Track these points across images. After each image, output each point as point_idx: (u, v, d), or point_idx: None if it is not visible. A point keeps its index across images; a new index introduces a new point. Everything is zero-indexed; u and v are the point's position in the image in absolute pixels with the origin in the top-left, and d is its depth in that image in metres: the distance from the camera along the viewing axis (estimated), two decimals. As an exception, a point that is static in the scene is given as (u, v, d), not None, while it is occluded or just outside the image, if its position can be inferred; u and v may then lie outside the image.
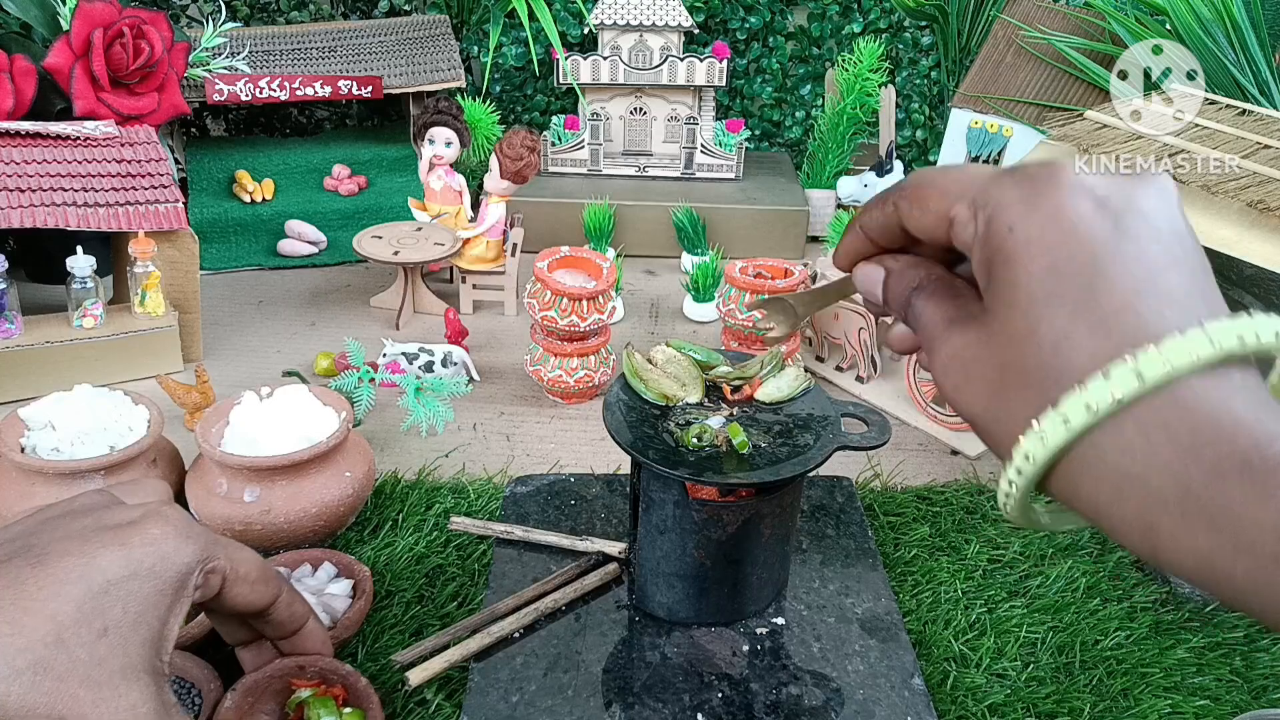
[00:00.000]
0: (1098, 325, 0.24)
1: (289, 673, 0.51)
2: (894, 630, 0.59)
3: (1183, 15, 0.94)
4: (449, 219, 1.10)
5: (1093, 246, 0.24)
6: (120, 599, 0.32)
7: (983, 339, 0.26)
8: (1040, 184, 0.25)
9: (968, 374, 0.27)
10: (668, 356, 0.58)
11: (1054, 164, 0.26)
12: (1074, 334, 0.24)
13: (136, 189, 0.89)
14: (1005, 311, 0.25)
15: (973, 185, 0.27)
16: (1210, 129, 0.79)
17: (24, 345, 0.84)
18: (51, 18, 1.03)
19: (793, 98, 1.50)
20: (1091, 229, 0.24)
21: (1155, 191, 0.26)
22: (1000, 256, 0.25)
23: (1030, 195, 0.25)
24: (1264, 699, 0.59)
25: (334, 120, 1.46)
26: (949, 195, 0.28)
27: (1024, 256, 0.25)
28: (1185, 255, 0.25)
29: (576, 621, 0.59)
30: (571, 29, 1.39)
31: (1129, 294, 0.24)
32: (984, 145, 1.14)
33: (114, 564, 0.33)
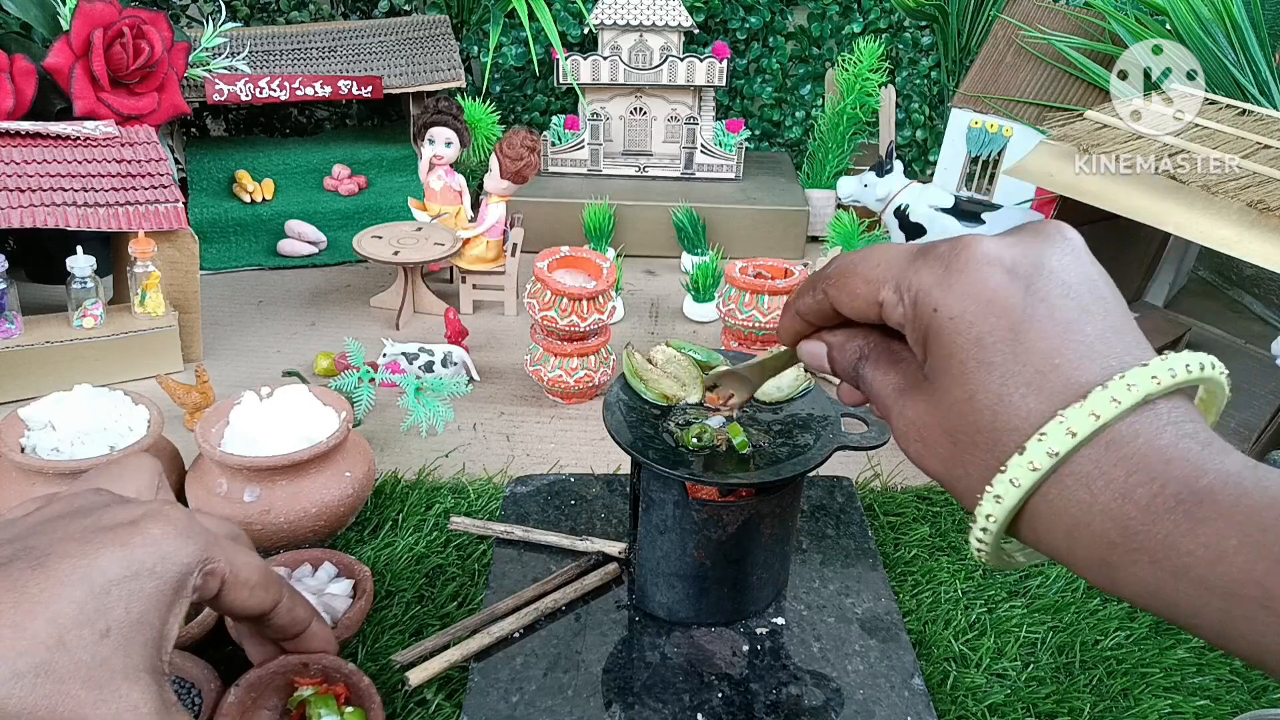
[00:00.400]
0: (1027, 386, 0.26)
1: (292, 670, 0.51)
2: (894, 630, 0.59)
3: (1183, 15, 0.94)
4: (449, 219, 1.10)
5: (1009, 314, 0.26)
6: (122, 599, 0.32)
7: (930, 408, 0.28)
8: (953, 264, 0.27)
9: (924, 441, 0.29)
10: (668, 356, 0.58)
11: (961, 241, 0.28)
12: (1008, 397, 0.26)
13: (136, 189, 0.89)
14: (944, 381, 0.27)
15: (892, 270, 0.29)
16: (1210, 129, 0.79)
17: (24, 345, 0.84)
18: (51, 18, 1.03)
19: (793, 98, 1.50)
20: (1006, 298, 0.26)
21: (1060, 248, 0.27)
22: (931, 334, 0.28)
23: (945, 277, 0.27)
24: (1264, 699, 0.59)
25: (334, 120, 1.46)
26: (873, 282, 0.29)
27: (951, 332, 0.27)
28: (1097, 304, 0.27)
29: (576, 621, 0.59)
30: (571, 29, 1.39)
31: (1050, 353, 0.26)
32: (984, 145, 1.14)
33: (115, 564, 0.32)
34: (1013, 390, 0.26)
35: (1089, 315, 0.26)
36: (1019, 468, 0.25)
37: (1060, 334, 0.26)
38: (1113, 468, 0.24)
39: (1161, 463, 0.24)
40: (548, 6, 1.19)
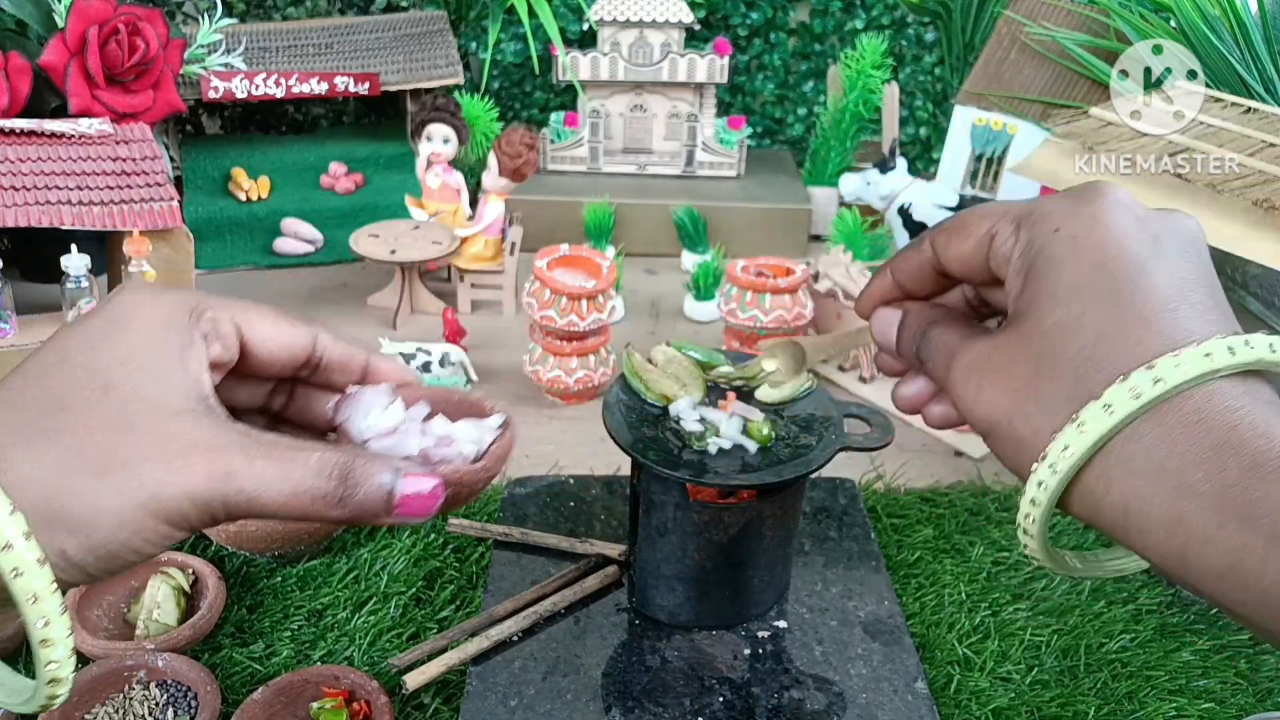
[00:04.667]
0: (1140, 322, 0.25)
1: (325, 680, 0.52)
2: (897, 633, 0.58)
3: (1188, 12, 0.94)
4: (447, 217, 1.10)
5: (1136, 253, 0.26)
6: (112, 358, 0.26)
7: (1010, 340, 0.27)
8: (1086, 195, 0.27)
9: (990, 375, 0.27)
10: (668, 357, 0.57)
11: (1093, 184, 0.28)
12: (1120, 326, 0.25)
13: (131, 187, 0.88)
14: (1046, 306, 0.26)
15: (1013, 209, 0.29)
16: (1215, 127, 0.79)
17: (19, 345, 0.83)
18: (46, 15, 1.02)
19: (795, 94, 1.50)
20: (1134, 239, 0.26)
21: (1187, 224, 0.28)
22: (1044, 255, 0.27)
23: (1077, 203, 0.27)
24: (1269, 702, 0.59)
25: (330, 117, 1.45)
26: (991, 218, 0.29)
27: (1071, 252, 0.26)
28: (1210, 282, 0.26)
29: (576, 625, 0.58)
30: (571, 25, 1.38)
31: (1168, 300, 0.25)
32: (988, 142, 1.13)
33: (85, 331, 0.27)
34: (1124, 322, 0.25)
35: (1203, 286, 0.26)
36: (1118, 394, 0.24)
37: (1179, 289, 0.25)
38: (1217, 417, 0.23)
39: (1266, 425, 0.23)
40: (547, 2, 1.18)
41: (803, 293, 0.92)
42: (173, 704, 0.53)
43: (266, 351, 0.30)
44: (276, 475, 0.26)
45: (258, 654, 0.58)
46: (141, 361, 0.27)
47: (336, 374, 0.32)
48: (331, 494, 0.26)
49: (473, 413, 0.32)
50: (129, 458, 0.25)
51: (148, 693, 0.53)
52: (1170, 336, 0.24)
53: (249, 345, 0.30)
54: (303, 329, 0.31)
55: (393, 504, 0.27)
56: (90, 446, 0.25)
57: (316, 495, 0.26)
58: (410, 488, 0.27)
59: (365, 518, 0.27)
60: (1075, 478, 0.25)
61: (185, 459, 0.25)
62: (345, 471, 0.26)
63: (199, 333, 0.28)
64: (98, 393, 0.26)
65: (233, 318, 0.29)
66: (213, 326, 0.29)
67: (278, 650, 0.58)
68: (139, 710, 0.52)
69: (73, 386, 0.26)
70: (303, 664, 0.57)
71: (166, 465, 0.25)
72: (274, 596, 0.62)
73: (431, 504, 0.28)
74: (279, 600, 0.62)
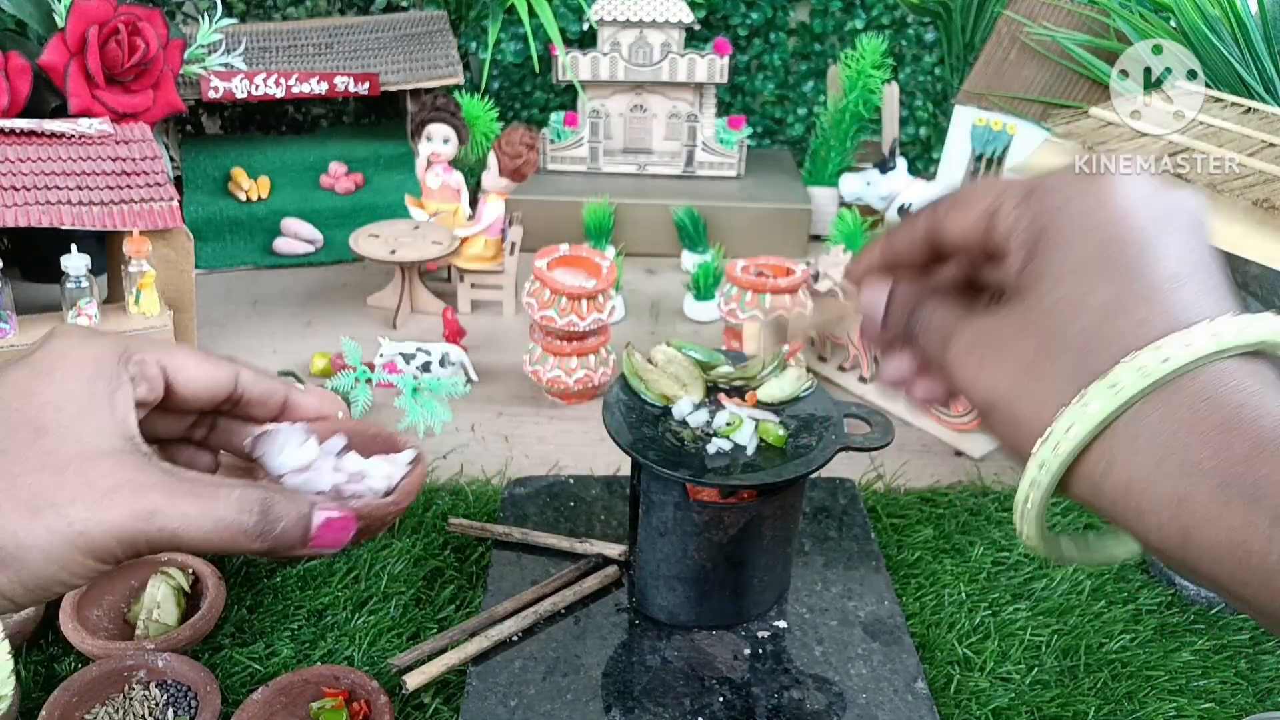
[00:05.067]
0: (1146, 300, 0.24)
1: (325, 680, 0.52)
2: (897, 633, 0.58)
3: (1188, 12, 0.94)
4: (447, 217, 1.10)
5: (1143, 229, 0.25)
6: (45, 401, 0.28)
7: (1013, 317, 0.26)
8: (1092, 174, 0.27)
9: (991, 353, 0.26)
10: (668, 356, 0.57)
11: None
12: (1126, 304, 0.24)
13: (131, 187, 0.88)
14: (1050, 282, 0.26)
15: (1021, 182, 0.28)
16: (1215, 127, 0.79)
17: (19, 345, 0.83)
18: (47, 15, 1.02)
19: (795, 94, 1.50)
20: (1141, 215, 0.26)
21: (1193, 203, 0.27)
22: (1050, 230, 0.26)
23: (1084, 178, 0.27)
24: (1269, 702, 0.59)
25: (330, 117, 1.45)
26: (995, 190, 0.28)
27: (1077, 229, 0.26)
28: (1215, 263, 0.26)
29: (576, 625, 0.58)
30: (571, 25, 1.38)
31: (1175, 278, 0.25)
32: (988, 143, 1.13)
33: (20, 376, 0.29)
34: (1130, 299, 0.24)
35: (1209, 267, 0.26)
36: (1125, 372, 0.23)
37: (1186, 268, 0.25)
38: (1223, 397, 0.23)
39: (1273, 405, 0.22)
40: (547, 2, 1.18)
41: (803, 293, 0.92)
42: (173, 704, 0.53)
43: (190, 391, 0.33)
44: (198, 512, 0.28)
45: (258, 654, 0.58)
46: (72, 405, 0.28)
47: (256, 408, 0.34)
48: (252, 529, 0.28)
49: (387, 447, 0.34)
50: (58, 499, 0.27)
51: (148, 693, 0.53)
52: (1177, 315, 0.24)
53: (174, 384, 0.32)
54: (225, 368, 0.33)
55: (309, 537, 0.29)
56: (23, 488, 0.27)
57: (238, 530, 0.28)
58: (323, 521, 0.29)
59: (282, 550, 0.29)
60: (1077, 458, 0.24)
61: (111, 499, 0.27)
62: (265, 508, 0.28)
63: (127, 375, 0.30)
64: (31, 435, 0.28)
65: (159, 360, 0.32)
66: (140, 369, 0.31)
67: (278, 650, 0.58)
68: (139, 710, 0.52)
69: (7, 430, 0.28)
70: (303, 664, 0.57)
71: (94, 505, 0.27)
72: (274, 596, 0.62)
73: (343, 536, 0.30)
74: (279, 600, 0.62)
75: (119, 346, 0.31)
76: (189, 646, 0.57)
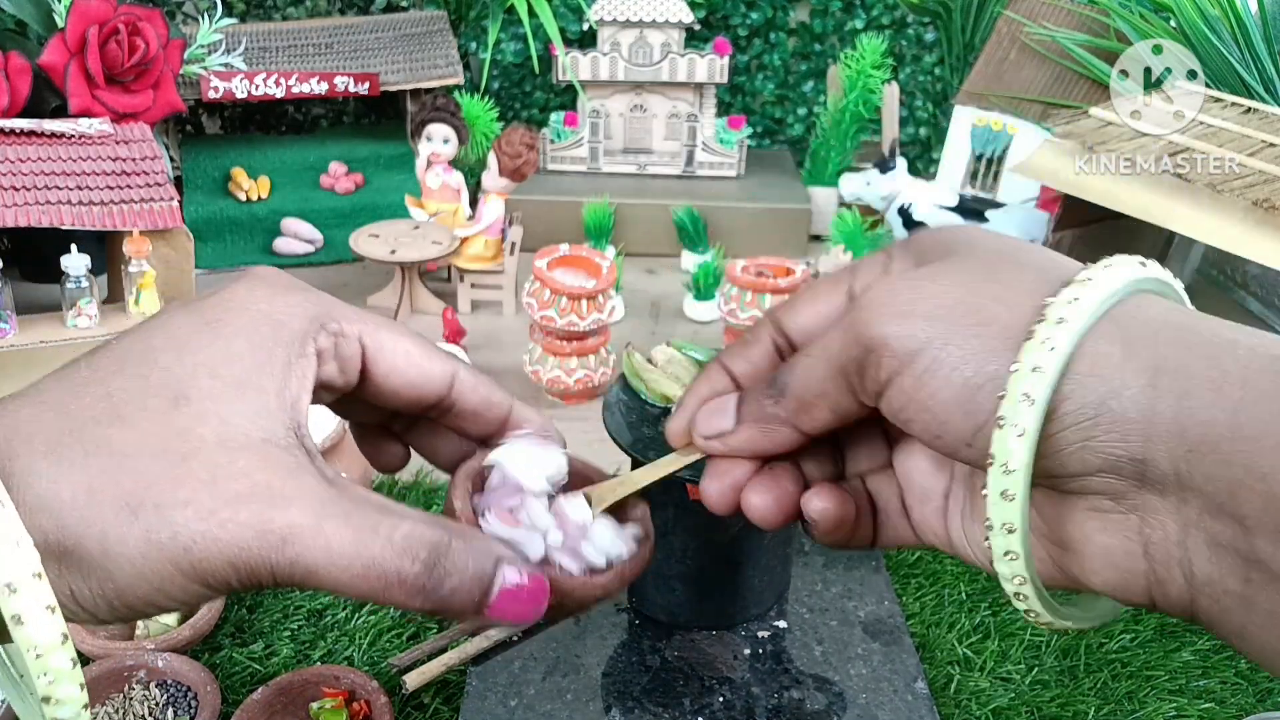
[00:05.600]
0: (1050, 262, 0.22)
1: (325, 680, 0.52)
2: (897, 633, 0.58)
3: (1188, 12, 0.94)
4: (447, 217, 1.10)
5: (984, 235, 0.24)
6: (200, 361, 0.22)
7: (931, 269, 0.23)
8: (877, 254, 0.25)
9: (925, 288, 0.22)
10: (668, 357, 0.57)
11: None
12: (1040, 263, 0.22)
13: (131, 187, 0.88)
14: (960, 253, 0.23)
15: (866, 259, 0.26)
16: (1215, 127, 0.79)
17: (18, 345, 0.83)
18: (47, 15, 1.02)
19: (795, 94, 1.50)
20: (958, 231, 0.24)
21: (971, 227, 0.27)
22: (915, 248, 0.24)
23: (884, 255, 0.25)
24: (1269, 702, 0.59)
25: (330, 117, 1.45)
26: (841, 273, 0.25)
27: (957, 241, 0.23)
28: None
29: (575, 625, 0.58)
30: (571, 25, 1.38)
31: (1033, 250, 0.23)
32: (988, 143, 1.13)
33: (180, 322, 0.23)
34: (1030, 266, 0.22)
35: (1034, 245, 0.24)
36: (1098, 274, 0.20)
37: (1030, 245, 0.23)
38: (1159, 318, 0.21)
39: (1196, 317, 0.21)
40: (547, 2, 1.18)
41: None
42: (173, 704, 0.53)
43: (391, 386, 0.26)
44: (348, 546, 0.21)
45: (258, 654, 0.58)
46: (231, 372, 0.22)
47: (469, 421, 0.27)
48: (413, 581, 0.21)
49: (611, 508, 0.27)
50: (167, 497, 0.20)
51: (148, 693, 0.53)
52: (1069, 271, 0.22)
53: (372, 374, 0.25)
54: (440, 365, 0.26)
55: (486, 605, 0.22)
56: (128, 473, 0.20)
57: (393, 579, 0.21)
58: (512, 585, 0.22)
59: (449, 613, 0.22)
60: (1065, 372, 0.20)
61: (235, 509, 0.20)
62: (435, 555, 0.21)
63: (313, 347, 0.23)
64: (166, 404, 0.21)
65: (361, 336, 0.25)
66: (333, 344, 0.24)
67: (278, 650, 0.58)
68: (139, 710, 0.52)
69: (139, 392, 0.21)
70: (303, 664, 0.57)
71: (210, 515, 0.20)
72: (274, 596, 0.62)
73: (531, 610, 0.23)
74: (279, 600, 0.62)
75: (316, 306, 0.24)
76: (189, 646, 0.57)
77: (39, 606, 0.19)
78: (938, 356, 0.21)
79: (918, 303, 0.21)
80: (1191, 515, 0.19)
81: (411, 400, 0.26)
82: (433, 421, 0.28)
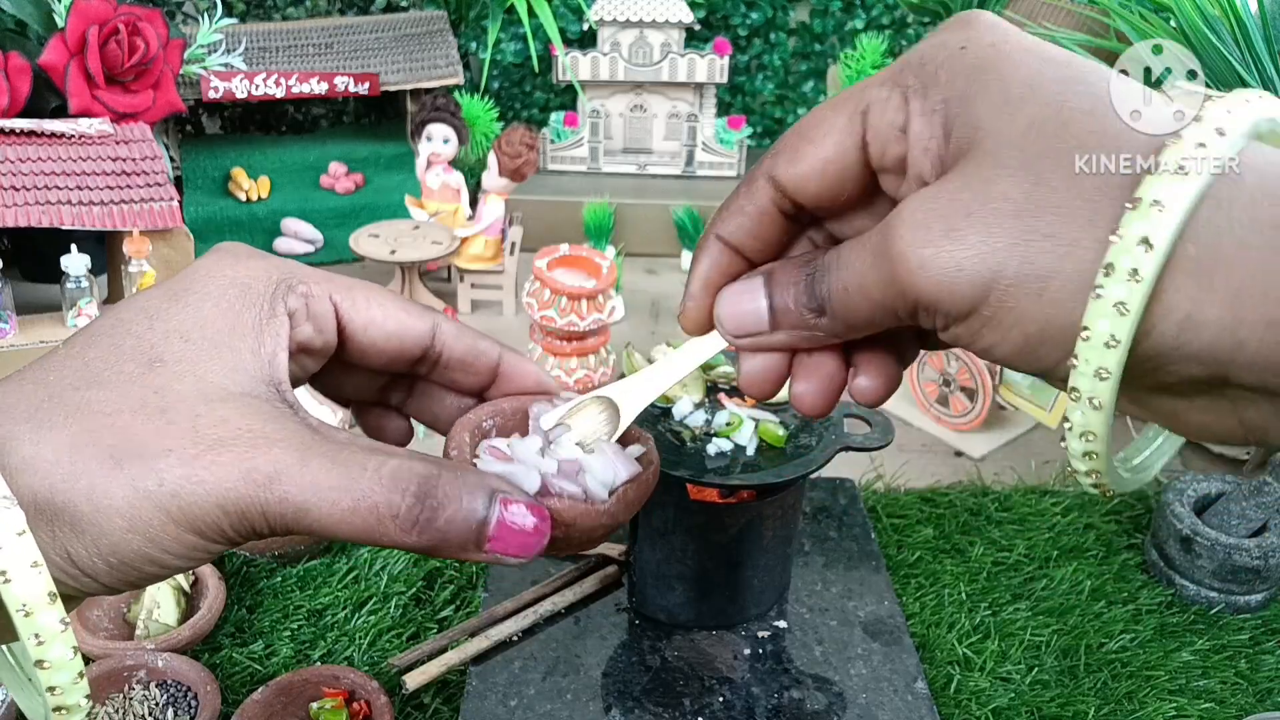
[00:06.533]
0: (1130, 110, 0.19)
1: (325, 680, 0.52)
2: (897, 634, 0.58)
3: (1188, 12, 0.94)
4: (447, 217, 1.10)
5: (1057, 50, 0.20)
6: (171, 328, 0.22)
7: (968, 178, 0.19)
8: (960, 18, 0.21)
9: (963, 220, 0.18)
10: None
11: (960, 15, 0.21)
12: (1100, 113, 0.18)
13: (131, 187, 0.88)
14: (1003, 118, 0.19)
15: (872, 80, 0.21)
16: (1216, 126, 0.79)
17: (18, 345, 0.83)
18: (47, 15, 1.02)
19: (795, 94, 1.50)
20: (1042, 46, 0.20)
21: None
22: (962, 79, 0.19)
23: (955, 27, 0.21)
24: (1268, 702, 0.59)
25: (330, 117, 1.45)
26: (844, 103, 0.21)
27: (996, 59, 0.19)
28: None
29: (576, 625, 0.58)
30: (571, 25, 1.38)
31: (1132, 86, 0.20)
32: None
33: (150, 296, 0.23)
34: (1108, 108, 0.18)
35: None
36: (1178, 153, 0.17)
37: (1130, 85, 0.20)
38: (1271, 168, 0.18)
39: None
40: (547, 2, 1.18)
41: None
42: (173, 704, 0.53)
43: (370, 340, 0.25)
44: (335, 483, 0.20)
45: (258, 654, 0.58)
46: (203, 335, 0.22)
47: (459, 372, 0.26)
48: (405, 514, 0.20)
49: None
50: (149, 447, 0.20)
51: (148, 693, 0.53)
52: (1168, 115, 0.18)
53: (350, 330, 0.25)
54: (419, 316, 0.25)
55: (485, 536, 0.21)
56: (109, 429, 0.20)
57: (385, 512, 0.20)
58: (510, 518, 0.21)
59: (448, 549, 0.21)
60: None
61: (218, 454, 0.20)
62: (426, 487, 0.21)
63: (283, 308, 0.23)
64: (141, 368, 0.21)
65: (331, 295, 0.24)
66: (304, 304, 0.23)
67: (278, 650, 0.58)
68: (139, 710, 0.52)
69: (114, 360, 0.21)
70: (303, 664, 0.57)
71: (194, 460, 0.20)
72: (274, 596, 0.62)
73: (533, 543, 0.22)
74: (279, 600, 0.62)
75: (280, 270, 0.23)
76: (189, 646, 0.57)
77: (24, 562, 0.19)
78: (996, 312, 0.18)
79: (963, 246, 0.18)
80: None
81: (396, 355, 0.25)
82: (427, 383, 0.27)
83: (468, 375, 0.27)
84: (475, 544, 0.21)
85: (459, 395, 0.27)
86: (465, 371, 0.27)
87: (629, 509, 0.24)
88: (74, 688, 0.20)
